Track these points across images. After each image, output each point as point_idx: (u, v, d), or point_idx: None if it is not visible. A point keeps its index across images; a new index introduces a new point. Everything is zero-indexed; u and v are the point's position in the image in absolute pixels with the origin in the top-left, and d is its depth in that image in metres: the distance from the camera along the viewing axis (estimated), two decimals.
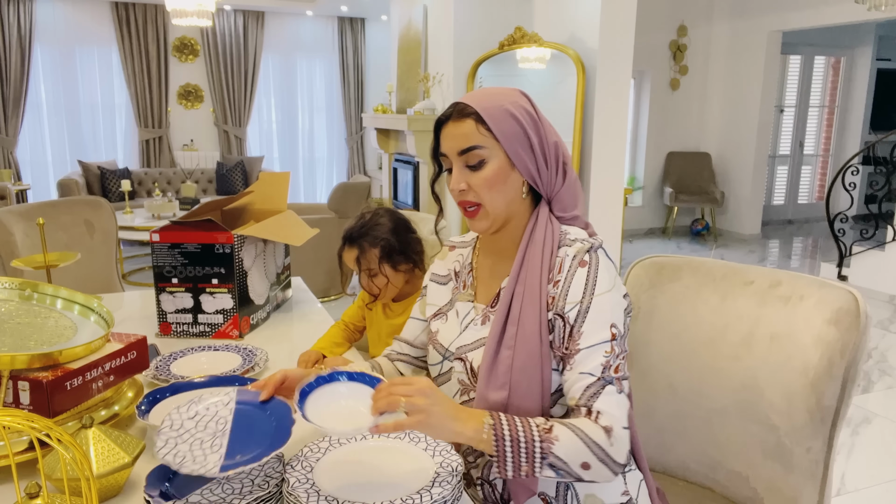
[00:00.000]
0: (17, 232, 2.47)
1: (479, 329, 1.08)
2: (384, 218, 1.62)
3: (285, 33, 7.95)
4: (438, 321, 1.16)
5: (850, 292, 1.07)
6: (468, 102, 1.02)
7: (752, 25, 6.77)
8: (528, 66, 4.74)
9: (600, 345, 0.95)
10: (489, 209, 1.03)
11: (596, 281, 0.97)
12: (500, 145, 1.00)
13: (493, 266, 1.11)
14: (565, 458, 0.88)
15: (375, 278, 1.59)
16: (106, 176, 6.46)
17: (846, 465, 2.56)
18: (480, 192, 1.02)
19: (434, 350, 1.14)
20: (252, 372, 1.39)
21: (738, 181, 7.15)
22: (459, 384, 1.09)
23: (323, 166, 8.60)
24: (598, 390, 0.93)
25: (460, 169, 1.03)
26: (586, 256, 0.99)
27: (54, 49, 6.98)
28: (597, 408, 0.92)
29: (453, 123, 1.02)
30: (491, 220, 1.04)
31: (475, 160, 1.01)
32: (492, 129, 1.00)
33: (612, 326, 0.96)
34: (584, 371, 0.94)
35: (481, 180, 1.01)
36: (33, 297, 1.22)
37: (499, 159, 1.01)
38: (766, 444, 1.15)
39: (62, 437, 0.72)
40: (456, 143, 1.02)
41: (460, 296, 1.14)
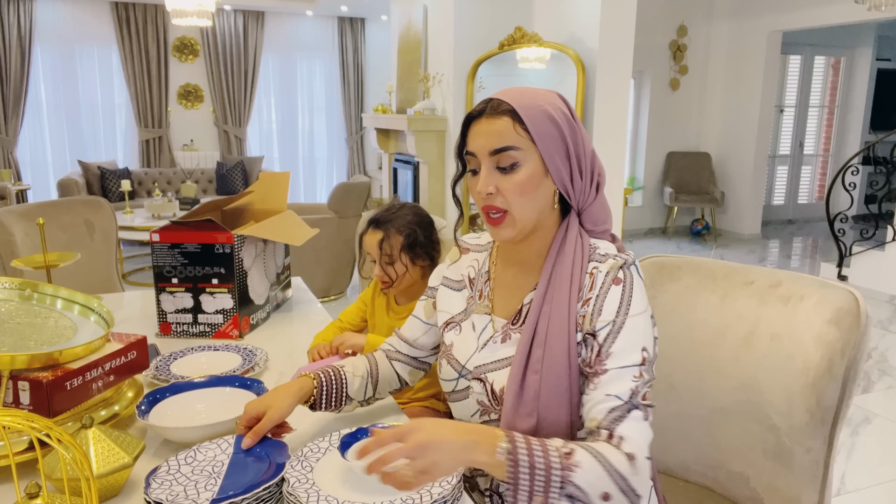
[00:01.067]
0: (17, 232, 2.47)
1: (498, 348, 1.01)
2: (411, 210, 1.63)
3: (285, 33, 7.95)
4: (451, 332, 1.09)
5: (851, 292, 1.07)
6: (505, 98, 0.93)
7: (752, 25, 6.77)
8: (528, 66, 4.74)
9: (630, 368, 0.89)
10: (517, 217, 0.94)
11: (631, 300, 0.91)
12: (536, 148, 0.93)
13: (515, 279, 1.03)
14: (585, 488, 0.81)
15: (394, 265, 1.59)
16: (106, 176, 6.46)
17: (846, 465, 2.56)
18: (510, 197, 0.93)
19: (448, 365, 1.07)
20: (252, 372, 1.39)
21: (738, 181, 7.16)
22: (479, 405, 1.03)
23: (323, 166, 8.60)
24: (623, 414, 0.87)
25: (490, 170, 0.94)
26: (620, 273, 0.92)
27: (54, 49, 6.98)
28: (619, 432, 0.86)
29: (487, 120, 0.93)
30: (517, 230, 0.95)
31: (508, 162, 0.93)
32: (529, 130, 0.92)
33: (644, 350, 0.90)
34: (611, 393, 0.88)
35: (513, 185, 0.93)
36: (33, 297, 1.22)
37: (533, 163, 0.93)
38: (766, 444, 1.14)
39: (62, 437, 0.72)
40: (488, 141, 0.93)
41: (477, 307, 1.07)
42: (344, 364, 1.12)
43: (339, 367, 1.11)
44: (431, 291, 1.17)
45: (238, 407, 1.16)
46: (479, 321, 1.05)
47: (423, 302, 1.18)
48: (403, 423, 0.83)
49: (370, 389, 1.15)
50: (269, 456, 0.96)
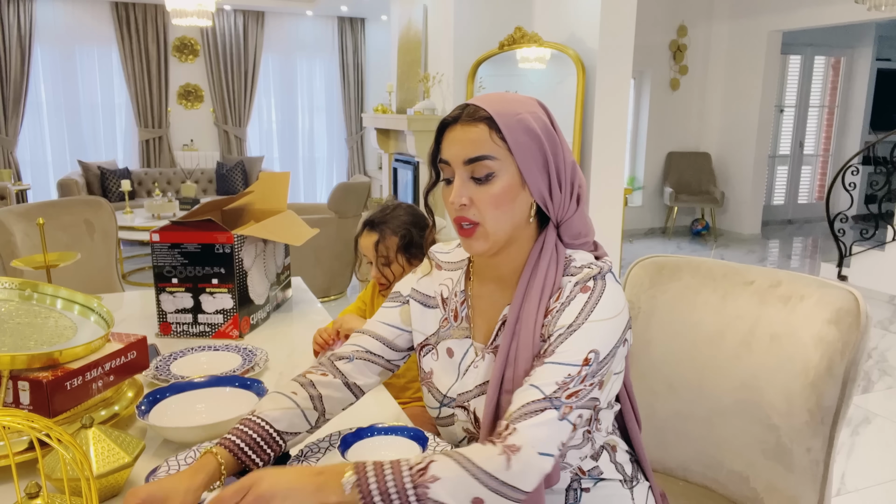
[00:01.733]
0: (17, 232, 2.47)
1: (480, 373, 0.97)
2: (405, 210, 1.63)
3: (285, 33, 7.95)
4: (429, 357, 1.03)
5: (851, 292, 1.07)
6: (481, 105, 0.89)
7: (752, 25, 6.77)
8: (528, 66, 4.74)
9: (566, 366, 0.83)
10: (490, 230, 0.90)
11: (596, 306, 0.87)
12: (513, 159, 0.88)
13: (491, 295, 0.98)
14: (448, 501, 0.75)
15: (390, 266, 1.59)
16: (106, 176, 6.46)
17: (846, 465, 2.56)
18: (484, 209, 0.89)
19: (430, 394, 1.03)
20: (252, 372, 1.39)
21: (738, 181, 7.16)
22: (465, 432, 1.00)
23: (323, 166, 8.60)
24: (535, 411, 0.80)
25: (464, 180, 0.89)
26: (590, 283, 0.88)
27: (54, 49, 6.98)
28: (516, 425, 0.79)
29: (462, 127, 0.88)
30: (490, 243, 0.91)
31: (483, 172, 0.88)
32: (506, 139, 0.87)
33: (592, 352, 0.84)
34: (534, 383, 0.83)
35: (488, 197, 0.88)
36: (33, 297, 1.22)
37: (509, 175, 0.88)
38: (766, 444, 1.14)
39: (62, 437, 0.72)
40: (463, 149, 0.88)
41: (454, 331, 1.01)
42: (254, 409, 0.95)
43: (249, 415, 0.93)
44: (403, 299, 1.08)
45: (238, 407, 1.17)
46: (457, 347, 1.00)
47: (396, 308, 1.08)
48: (248, 478, 0.75)
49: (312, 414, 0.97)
50: None
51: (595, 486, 1.01)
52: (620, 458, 1.04)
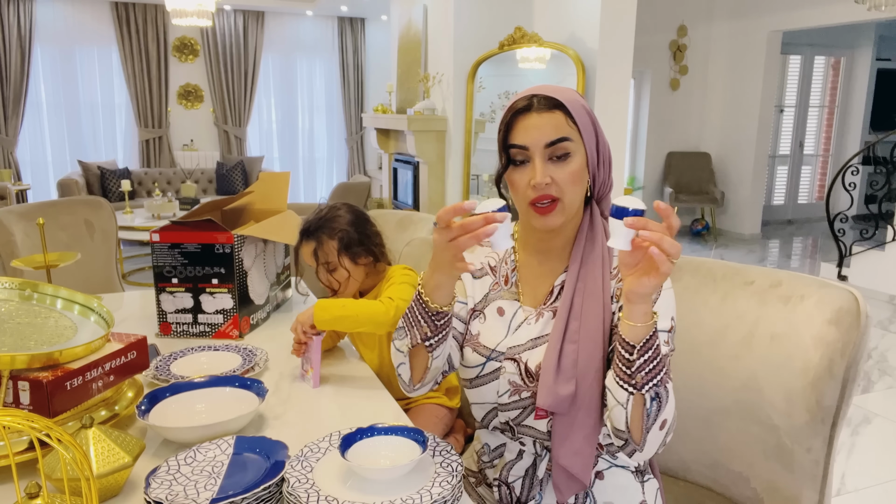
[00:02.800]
0: (17, 232, 2.47)
1: (532, 328, 1.05)
2: (342, 210, 1.57)
3: (285, 33, 7.95)
4: (476, 321, 1.10)
5: (851, 292, 1.07)
6: (550, 94, 0.99)
7: (752, 25, 6.77)
8: (528, 66, 4.74)
9: (662, 332, 0.95)
10: (567, 204, 0.99)
11: None
12: (583, 141, 1.00)
13: (541, 266, 1.08)
14: (666, 400, 0.89)
15: (335, 272, 1.54)
16: (106, 176, 6.46)
17: (846, 465, 2.56)
18: (564, 186, 0.98)
19: (474, 352, 1.08)
20: (252, 372, 1.39)
21: (738, 181, 7.16)
22: (510, 385, 1.05)
23: (323, 166, 8.60)
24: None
25: (544, 161, 0.98)
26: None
27: (54, 49, 6.98)
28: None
29: (538, 114, 0.98)
30: (566, 216, 1.01)
31: (562, 152, 0.98)
32: (577, 124, 0.98)
33: (672, 319, 0.98)
34: None
35: (568, 174, 0.98)
36: (33, 297, 1.22)
37: (581, 154, 1.00)
38: (766, 444, 1.14)
39: (62, 437, 0.72)
40: (543, 134, 0.97)
41: (503, 293, 1.09)
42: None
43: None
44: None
45: (238, 407, 1.17)
46: (507, 307, 1.08)
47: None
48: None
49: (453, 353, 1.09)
50: (269, 456, 0.96)
51: (609, 470, 1.04)
52: None
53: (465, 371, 1.10)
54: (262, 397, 1.17)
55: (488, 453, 1.12)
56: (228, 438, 1.01)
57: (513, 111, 1.00)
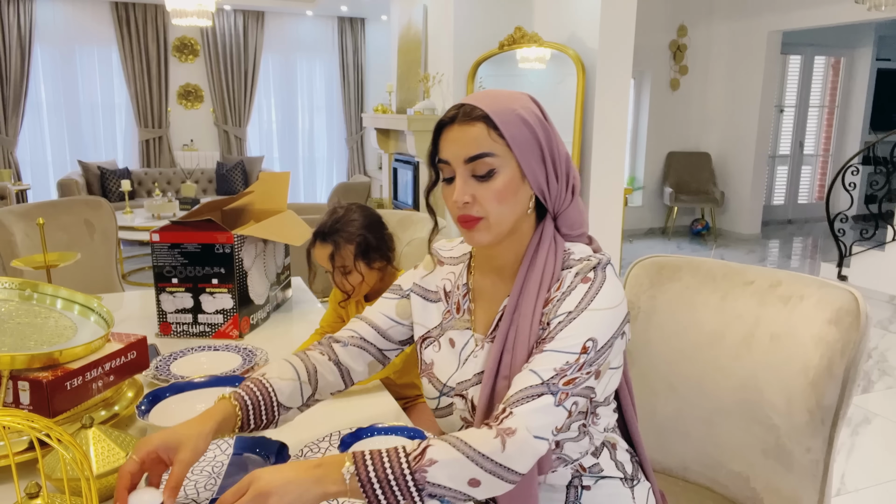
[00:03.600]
0: (17, 232, 2.47)
1: (477, 361, 0.99)
2: (357, 214, 1.56)
3: (285, 33, 7.95)
4: (430, 350, 1.05)
5: (850, 292, 1.07)
6: (476, 104, 0.90)
7: (752, 25, 6.77)
8: (528, 66, 4.74)
9: (564, 353, 0.85)
10: (493, 223, 0.92)
11: (596, 296, 0.89)
12: (513, 154, 0.90)
13: (493, 286, 1.01)
14: (446, 483, 0.77)
15: (349, 276, 1.53)
16: (106, 176, 6.46)
17: (846, 465, 2.56)
18: (487, 205, 0.90)
19: (430, 384, 1.04)
20: (252, 372, 1.39)
21: (738, 181, 7.15)
22: (462, 420, 1.01)
23: (323, 166, 8.60)
24: (531, 395, 0.83)
25: (465, 179, 0.91)
26: (591, 273, 0.90)
27: (54, 49, 6.98)
28: (513, 409, 0.82)
29: (460, 127, 0.90)
30: (493, 235, 0.93)
31: (484, 169, 0.89)
32: (504, 136, 0.89)
33: (590, 340, 0.86)
34: (533, 369, 0.85)
35: (491, 193, 0.90)
36: (33, 297, 1.22)
37: (510, 169, 0.90)
38: (766, 444, 1.14)
39: (62, 437, 0.72)
40: (463, 148, 0.90)
41: (456, 322, 1.03)
42: (265, 371, 0.98)
43: (260, 377, 0.96)
44: (403, 293, 1.10)
45: None
46: (459, 337, 1.02)
47: (394, 301, 1.10)
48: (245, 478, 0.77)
49: (307, 389, 1.00)
50: (269, 456, 0.96)
51: (596, 483, 1.01)
52: (621, 456, 1.04)
53: (427, 401, 1.07)
54: None
55: None
56: (228, 438, 1.01)
57: (438, 123, 0.93)
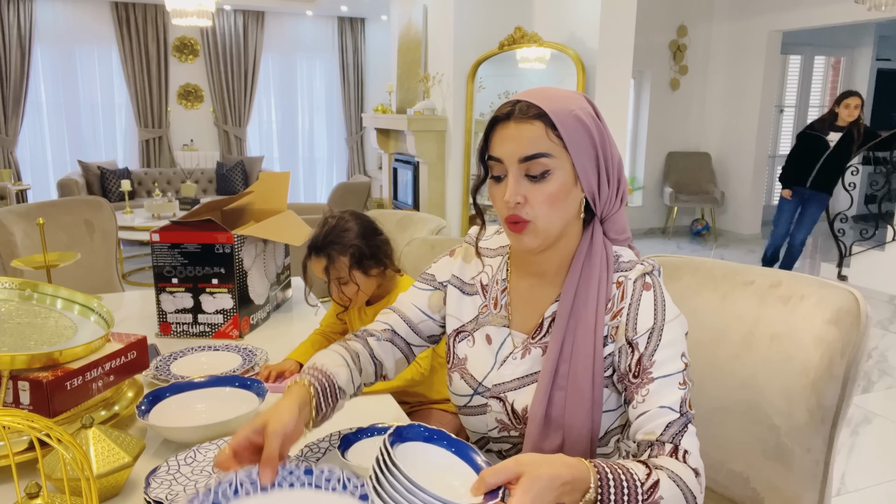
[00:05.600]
0: (17, 232, 2.47)
1: (518, 364, 0.96)
2: (350, 223, 1.53)
3: (285, 33, 7.95)
4: (464, 344, 1.02)
5: (851, 292, 1.07)
6: (535, 101, 0.87)
7: (752, 25, 6.77)
8: (528, 66, 4.74)
9: (675, 375, 0.86)
10: (542, 227, 0.88)
11: (664, 306, 0.89)
12: (568, 155, 0.87)
13: (532, 290, 0.97)
14: None
15: (346, 286, 1.52)
16: (106, 176, 6.46)
17: (846, 465, 2.56)
18: (538, 207, 0.87)
19: (462, 380, 1.01)
20: (252, 372, 1.39)
21: (738, 181, 7.15)
22: (497, 422, 0.99)
23: (323, 166, 8.60)
24: (681, 429, 0.85)
25: (518, 178, 0.87)
26: (649, 279, 0.90)
27: (54, 49, 6.98)
28: (684, 446, 0.84)
29: (517, 124, 0.86)
30: (541, 240, 0.90)
31: (539, 170, 0.86)
32: (561, 136, 0.86)
33: (683, 356, 0.88)
34: (665, 405, 0.85)
35: (544, 195, 0.87)
36: (33, 297, 1.22)
37: (564, 172, 0.87)
38: (766, 444, 1.14)
39: (62, 437, 0.72)
40: (519, 147, 0.86)
41: (492, 318, 1.00)
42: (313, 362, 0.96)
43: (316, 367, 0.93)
44: (437, 284, 1.07)
45: (238, 407, 1.17)
46: (495, 334, 0.99)
47: (427, 293, 1.07)
48: (511, 463, 0.72)
49: (356, 376, 0.98)
50: None
51: None
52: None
53: (454, 397, 1.05)
54: (262, 397, 1.17)
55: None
56: (228, 438, 1.01)
57: (492, 119, 0.90)
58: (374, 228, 1.57)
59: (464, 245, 1.08)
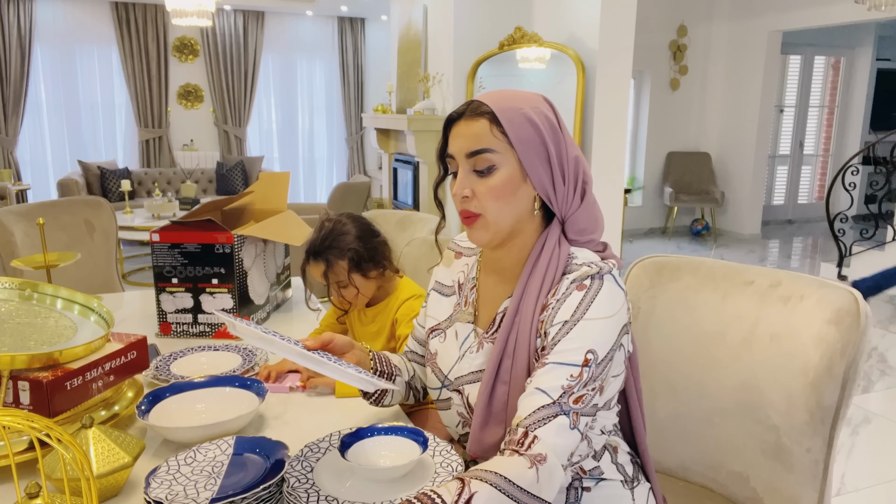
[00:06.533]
0: (17, 232, 2.47)
1: (474, 358, 1.00)
2: (348, 226, 1.53)
3: (285, 33, 7.95)
4: (436, 339, 1.08)
5: (850, 292, 1.07)
6: (484, 101, 0.92)
7: (752, 25, 6.77)
8: (528, 66, 4.74)
9: (568, 366, 0.85)
10: (491, 221, 0.93)
11: (591, 304, 0.88)
12: (514, 152, 0.91)
13: (495, 287, 1.02)
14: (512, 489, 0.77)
15: (346, 290, 1.52)
16: (106, 176, 6.46)
17: (846, 465, 2.56)
18: (485, 201, 0.92)
19: (433, 375, 1.06)
20: (252, 372, 1.39)
21: (738, 181, 7.16)
22: (459, 416, 1.03)
23: (323, 166, 8.60)
24: (547, 417, 0.83)
25: (466, 173, 0.93)
26: (587, 281, 0.90)
27: (54, 49, 6.98)
28: (536, 433, 0.82)
29: (465, 122, 0.92)
30: (492, 233, 0.94)
31: (484, 165, 0.91)
32: (507, 133, 0.90)
33: (590, 352, 0.86)
34: (541, 387, 0.85)
35: (487, 188, 0.91)
36: (33, 297, 1.22)
37: (510, 167, 0.91)
38: (766, 444, 1.14)
39: (62, 437, 0.72)
40: (465, 143, 0.92)
41: (461, 315, 1.05)
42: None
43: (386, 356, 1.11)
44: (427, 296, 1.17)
45: (238, 407, 1.17)
46: (462, 329, 1.04)
47: (424, 308, 1.16)
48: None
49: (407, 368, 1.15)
50: (269, 456, 0.97)
51: (596, 485, 1.01)
52: (622, 458, 1.04)
53: (430, 391, 1.09)
54: (262, 397, 1.17)
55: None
56: (228, 438, 1.01)
57: (449, 117, 0.95)
58: (371, 230, 1.57)
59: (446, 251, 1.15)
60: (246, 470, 0.94)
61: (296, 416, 1.23)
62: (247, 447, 1.00)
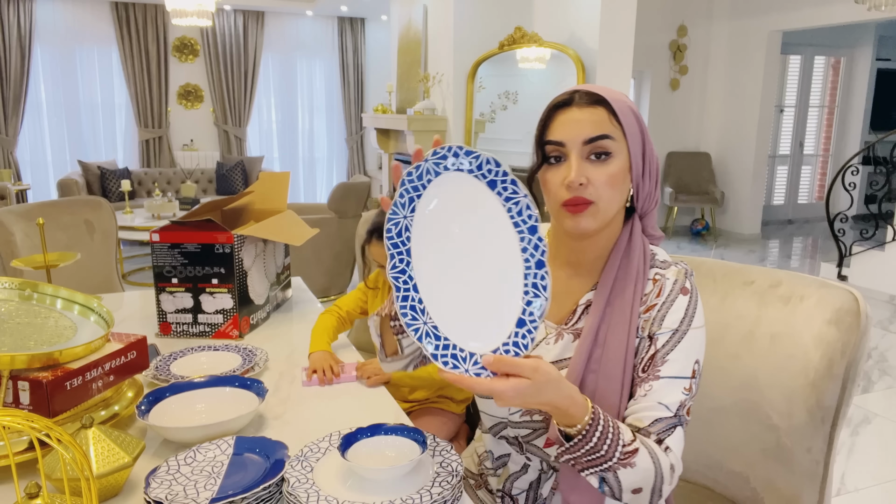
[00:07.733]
0: (17, 232, 2.47)
1: (550, 349, 0.99)
2: None
3: (285, 33, 7.95)
4: None
5: (851, 292, 1.07)
6: (595, 90, 0.92)
7: (752, 25, 6.77)
8: (528, 66, 4.74)
9: (682, 379, 0.89)
10: (602, 209, 0.91)
11: (695, 313, 0.92)
12: (626, 143, 0.92)
13: (568, 280, 1.00)
14: (624, 483, 0.83)
15: None
16: (106, 176, 6.46)
17: (846, 465, 2.56)
18: (601, 188, 0.90)
19: None
20: (252, 372, 1.39)
21: (738, 181, 7.16)
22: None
23: (323, 166, 8.60)
24: (669, 427, 0.87)
25: (580, 160, 0.90)
26: (687, 283, 0.93)
27: (54, 49, 6.98)
28: (668, 443, 0.87)
29: (579, 109, 0.91)
30: (599, 222, 0.92)
31: (602, 151, 0.90)
32: (622, 123, 0.91)
33: (696, 363, 0.91)
34: (662, 402, 0.88)
35: (606, 176, 0.90)
36: (33, 297, 1.22)
37: (622, 157, 0.92)
38: (766, 444, 1.14)
39: (62, 437, 0.72)
40: (583, 129, 0.90)
41: None
42: None
43: None
44: None
45: (238, 407, 1.17)
46: None
47: None
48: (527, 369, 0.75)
49: None
50: (269, 456, 0.97)
51: None
52: None
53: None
54: (262, 397, 1.17)
55: (491, 460, 1.11)
56: (228, 438, 1.01)
57: (552, 106, 0.94)
58: None
59: None
60: (246, 470, 0.94)
61: (296, 416, 1.23)
62: (247, 447, 1.00)
